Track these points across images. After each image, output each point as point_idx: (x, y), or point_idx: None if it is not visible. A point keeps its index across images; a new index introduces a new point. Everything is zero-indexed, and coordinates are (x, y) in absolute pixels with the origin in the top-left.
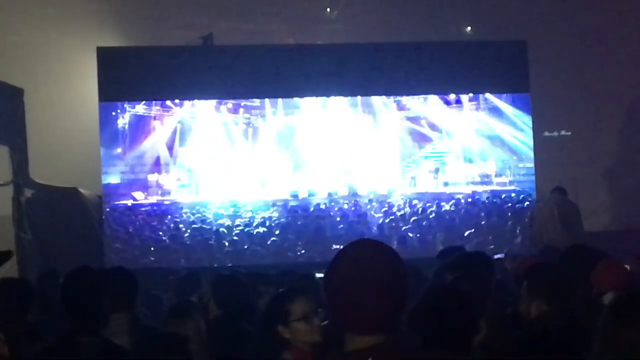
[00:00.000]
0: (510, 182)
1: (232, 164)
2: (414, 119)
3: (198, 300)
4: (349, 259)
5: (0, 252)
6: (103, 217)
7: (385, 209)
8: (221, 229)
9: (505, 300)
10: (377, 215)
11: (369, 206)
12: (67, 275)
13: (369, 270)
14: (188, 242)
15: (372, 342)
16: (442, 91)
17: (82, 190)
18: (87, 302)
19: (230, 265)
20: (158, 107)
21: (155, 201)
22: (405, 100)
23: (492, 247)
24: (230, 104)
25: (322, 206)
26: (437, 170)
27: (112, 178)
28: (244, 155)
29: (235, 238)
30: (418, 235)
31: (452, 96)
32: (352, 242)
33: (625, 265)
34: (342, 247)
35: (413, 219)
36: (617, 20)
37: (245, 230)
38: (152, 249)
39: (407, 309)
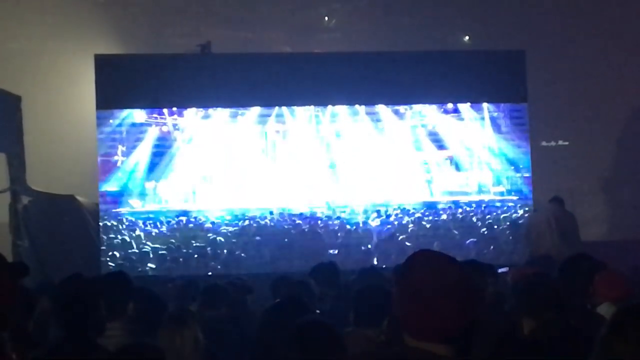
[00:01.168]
0: (508, 192)
1: (229, 173)
2: (412, 128)
3: (197, 308)
4: (429, 266)
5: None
6: (100, 224)
7: (383, 218)
8: (218, 238)
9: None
10: (374, 224)
11: (365, 216)
12: (60, 283)
13: (452, 280)
14: (185, 250)
15: (440, 350)
16: (440, 100)
17: (79, 198)
18: (80, 310)
19: (225, 273)
20: (155, 115)
21: (152, 209)
22: (403, 109)
23: (489, 256)
24: (227, 112)
25: (319, 215)
26: (434, 180)
27: (109, 186)
28: (242, 164)
29: (232, 246)
30: (415, 244)
31: (449, 105)
32: (421, 251)
33: (623, 277)
34: (412, 254)
35: (410, 227)
36: (616, 30)
37: (242, 238)
38: (150, 257)
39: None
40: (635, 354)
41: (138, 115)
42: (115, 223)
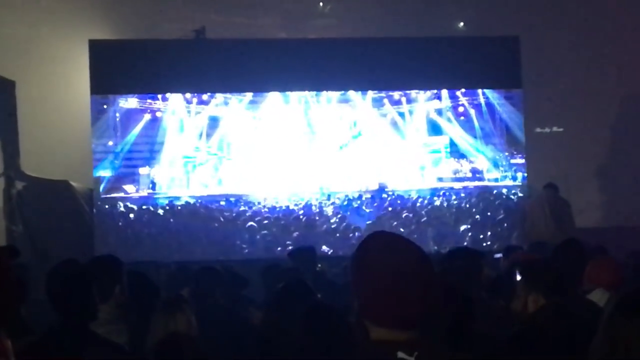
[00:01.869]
0: (502, 178)
1: (223, 159)
2: (408, 114)
3: (189, 294)
4: (386, 253)
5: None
6: (94, 209)
7: (377, 204)
8: (212, 223)
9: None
10: (368, 211)
11: (359, 201)
12: (53, 268)
13: (410, 265)
14: (179, 236)
15: (399, 337)
16: (434, 86)
17: (73, 183)
18: (73, 295)
19: (220, 259)
20: (150, 101)
21: (146, 194)
22: (398, 95)
23: (485, 242)
24: (222, 97)
25: (314, 201)
26: (429, 166)
27: (104, 171)
28: (236, 150)
29: (226, 232)
30: (410, 230)
31: (444, 91)
32: (375, 234)
33: (616, 263)
34: (366, 238)
35: (405, 214)
36: (610, 17)
37: (237, 224)
38: (143, 242)
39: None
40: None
41: (132, 100)
42: (109, 208)
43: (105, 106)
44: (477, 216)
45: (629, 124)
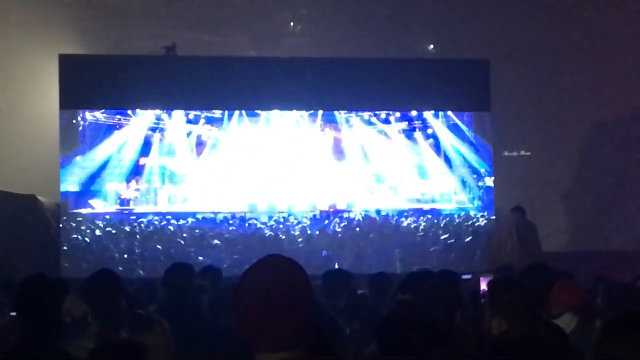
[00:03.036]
0: (470, 200)
1: (191, 176)
2: (375, 134)
3: (155, 310)
4: (254, 278)
5: None
6: (60, 224)
7: (345, 224)
8: (178, 240)
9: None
10: (336, 230)
11: (326, 221)
12: (22, 282)
13: (273, 288)
14: (145, 253)
15: (277, 359)
16: (403, 108)
17: (40, 198)
18: (42, 310)
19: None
20: (119, 116)
21: (113, 210)
22: (367, 115)
23: (450, 264)
24: (191, 115)
25: (281, 220)
26: (396, 187)
27: (71, 186)
28: (204, 167)
29: (191, 250)
30: (377, 250)
31: (413, 113)
32: (259, 259)
33: (582, 287)
34: (248, 267)
35: (372, 234)
36: (580, 44)
37: (203, 242)
38: (109, 257)
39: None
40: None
41: (101, 115)
42: (75, 224)
43: (74, 121)
44: (444, 237)
45: (595, 150)
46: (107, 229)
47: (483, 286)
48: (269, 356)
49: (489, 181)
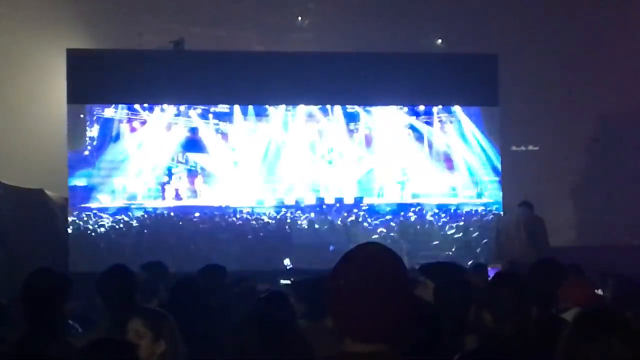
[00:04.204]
0: (477, 195)
1: (199, 170)
2: (383, 128)
3: (158, 306)
4: (357, 262)
5: None
6: (69, 219)
7: (352, 218)
8: (186, 234)
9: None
10: (344, 224)
11: (333, 216)
12: (29, 276)
13: (378, 275)
14: (152, 247)
15: (371, 349)
16: (411, 102)
17: (48, 192)
18: (48, 304)
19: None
20: (127, 111)
21: (121, 205)
22: (375, 110)
23: (458, 259)
24: (199, 109)
25: (289, 214)
26: (404, 181)
27: (79, 181)
28: (211, 162)
29: (199, 243)
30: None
31: (421, 108)
32: (358, 245)
33: (591, 283)
34: (352, 249)
35: (380, 229)
36: (588, 36)
37: (210, 236)
38: (117, 252)
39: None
40: (600, 356)
41: (109, 110)
42: (83, 218)
43: (81, 115)
44: (452, 232)
45: (604, 145)
46: (115, 223)
47: None
48: (362, 346)
49: (497, 176)
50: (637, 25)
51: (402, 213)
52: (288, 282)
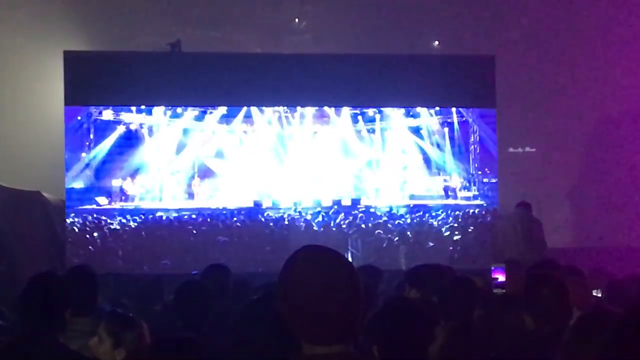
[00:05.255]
0: (475, 197)
1: (196, 172)
2: (381, 131)
3: (162, 307)
4: (308, 267)
5: None
6: (66, 221)
7: (350, 220)
8: (184, 237)
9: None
10: (341, 226)
11: (331, 217)
12: (31, 279)
13: (332, 279)
14: (150, 249)
15: (328, 351)
16: (408, 104)
17: (45, 194)
18: (49, 307)
19: (194, 272)
20: (123, 113)
21: (119, 207)
22: (372, 112)
23: (455, 261)
24: (196, 111)
25: (286, 216)
26: (402, 183)
27: (76, 183)
28: (209, 163)
29: (198, 245)
30: (382, 247)
31: (418, 109)
32: (304, 247)
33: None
34: (293, 253)
35: (377, 231)
36: (585, 38)
37: (208, 238)
38: (115, 254)
39: (363, 319)
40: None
41: (106, 112)
42: (81, 220)
43: (79, 117)
44: (449, 234)
45: (601, 146)
46: (112, 225)
47: (500, 277)
48: (322, 349)
49: (494, 177)
50: (635, 26)
51: (400, 214)
52: None
